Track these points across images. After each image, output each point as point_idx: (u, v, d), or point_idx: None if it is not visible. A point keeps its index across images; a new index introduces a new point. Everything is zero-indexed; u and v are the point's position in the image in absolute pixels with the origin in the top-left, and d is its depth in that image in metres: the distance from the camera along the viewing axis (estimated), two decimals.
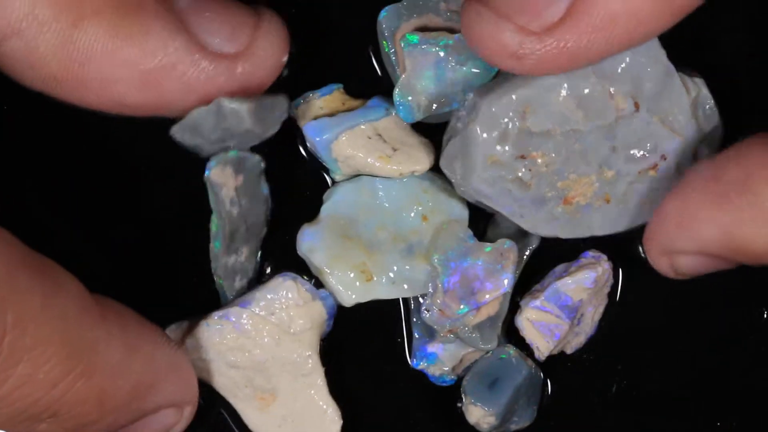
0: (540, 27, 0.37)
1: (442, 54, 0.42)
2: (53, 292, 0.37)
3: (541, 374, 0.44)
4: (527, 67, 0.38)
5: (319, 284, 0.43)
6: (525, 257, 0.44)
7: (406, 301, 0.44)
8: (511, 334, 0.44)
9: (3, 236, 0.37)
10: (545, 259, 0.44)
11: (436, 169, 0.43)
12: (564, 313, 0.43)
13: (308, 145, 0.43)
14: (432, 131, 0.44)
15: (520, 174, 0.41)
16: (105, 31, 0.39)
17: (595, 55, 0.37)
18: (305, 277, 0.43)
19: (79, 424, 0.39)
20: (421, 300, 0.43)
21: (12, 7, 0.38)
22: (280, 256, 0.44)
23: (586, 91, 0.40)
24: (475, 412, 0.44)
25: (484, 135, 0.40)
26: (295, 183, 0.44)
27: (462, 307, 0.42)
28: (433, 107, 0.43)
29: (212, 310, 0.43)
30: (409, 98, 0.42)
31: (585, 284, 0.43)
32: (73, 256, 0.40)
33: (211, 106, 0.40)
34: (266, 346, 0.43)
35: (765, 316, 0.45)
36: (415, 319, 0.44)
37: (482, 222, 0.44)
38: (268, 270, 0.44)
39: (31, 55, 0.39)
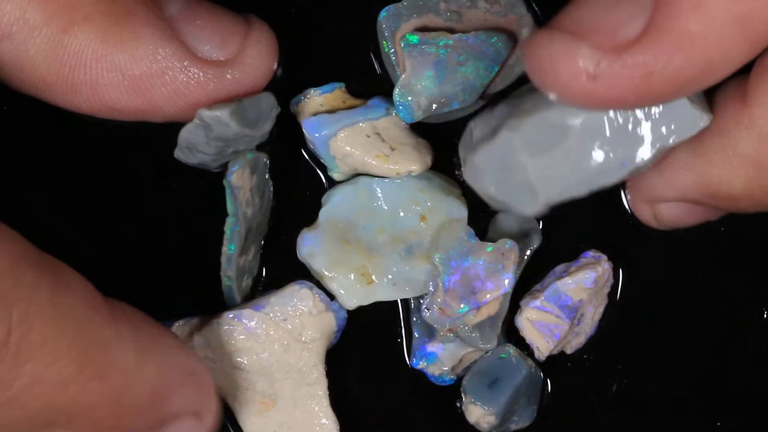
0: (616, 45, 0.35)
1: (442, 54, 0.42)
2: (61, 289, 0.37)
3: (541, 374, 0.44)
4: (602, 90, 0.36)
5: (318, 285, 0.43)
6: (526, 257, 0.44)
7: (405, 300, 0.44)
8: (511, 334, 0.44)
9: (9, 234, 0.37)
10: (545, 259, 0.44)
11: (433, 168, 0.43)
12: (564, 313, 0.43)
13: (307, 141, 0.43)
14: (432, 131, 0.44)
15: None
16: (95, 36, 0.39)
17: (672, 81, 0.35)
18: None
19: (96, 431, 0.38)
20: (421, 300, 0.43)
21: (2, 11, 0.38)
22: (279, 255, 0.44)
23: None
24: (475, 412, 0.44)
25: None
26: (295, 183, 0.44)
27: (462, 306, 0.42)
28: (433, 107, 0.43)
29: (213, 310, 0.43)
30: (409, 98, 0.42)
31: (585, 284, 0.43)
32: (72, 255, 0.40)
33: (195, 120, 0.40)
34: (274, 351, 0.43)
35: (765, 316, 0.45)
36: (414, 319, 0.44)
37: (483, 222, 0.44)
38: (264, 271, 0.44)
39: (21, 58, 0.39)
